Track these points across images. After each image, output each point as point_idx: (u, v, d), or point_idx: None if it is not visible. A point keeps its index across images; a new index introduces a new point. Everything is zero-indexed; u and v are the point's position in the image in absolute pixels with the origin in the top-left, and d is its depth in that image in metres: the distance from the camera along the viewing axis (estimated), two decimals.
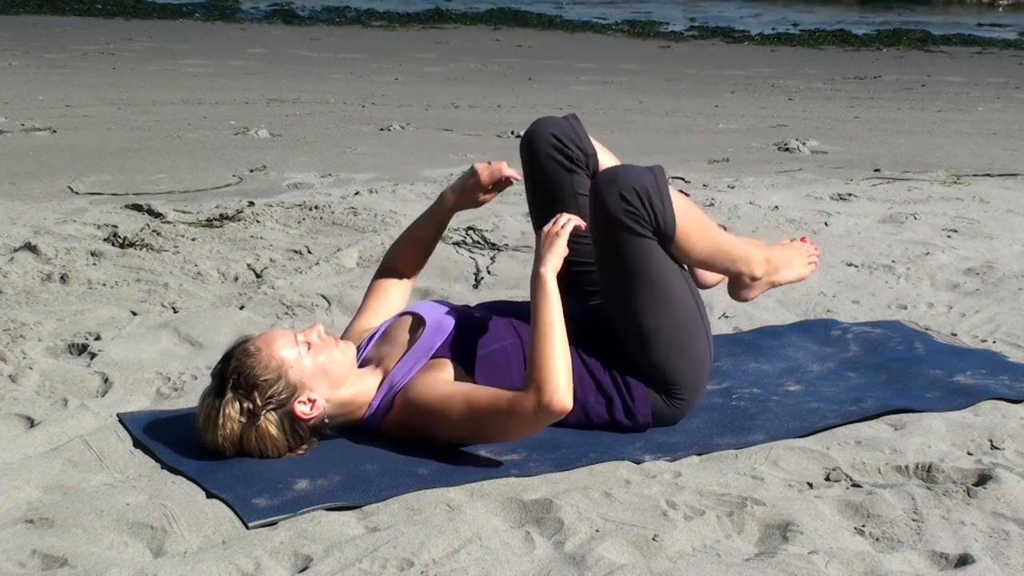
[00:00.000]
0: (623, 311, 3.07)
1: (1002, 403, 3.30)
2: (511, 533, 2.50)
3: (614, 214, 2.99)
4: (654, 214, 3.00)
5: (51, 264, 4.53)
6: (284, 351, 2.90)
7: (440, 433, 2.89)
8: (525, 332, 3.01)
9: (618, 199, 2.98)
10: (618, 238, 3.01)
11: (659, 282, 3.05)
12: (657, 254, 3.05)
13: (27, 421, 3.07)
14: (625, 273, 3.04)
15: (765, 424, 3.13)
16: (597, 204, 3.02)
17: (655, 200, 3.00)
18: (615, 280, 3.07)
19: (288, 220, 5.34)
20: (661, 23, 20.34)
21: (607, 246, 3.05)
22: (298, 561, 2.40)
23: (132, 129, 8.47)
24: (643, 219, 2.99)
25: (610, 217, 2.99)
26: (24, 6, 19.02)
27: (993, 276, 4.70)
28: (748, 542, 2.52)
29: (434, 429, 2.90)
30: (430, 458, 2.86)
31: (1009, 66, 15.93)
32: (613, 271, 3.07)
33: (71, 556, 2.37)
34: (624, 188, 2.98)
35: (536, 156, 3.30)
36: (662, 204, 3.01)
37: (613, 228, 3.00)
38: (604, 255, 3.08)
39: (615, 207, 2.98)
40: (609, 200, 2.99)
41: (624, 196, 2.98)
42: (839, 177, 7.00)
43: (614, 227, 3.00)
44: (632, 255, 3.03)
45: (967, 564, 2.41)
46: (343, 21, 19.44)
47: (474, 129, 9.02)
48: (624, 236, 3.00)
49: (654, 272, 3.05)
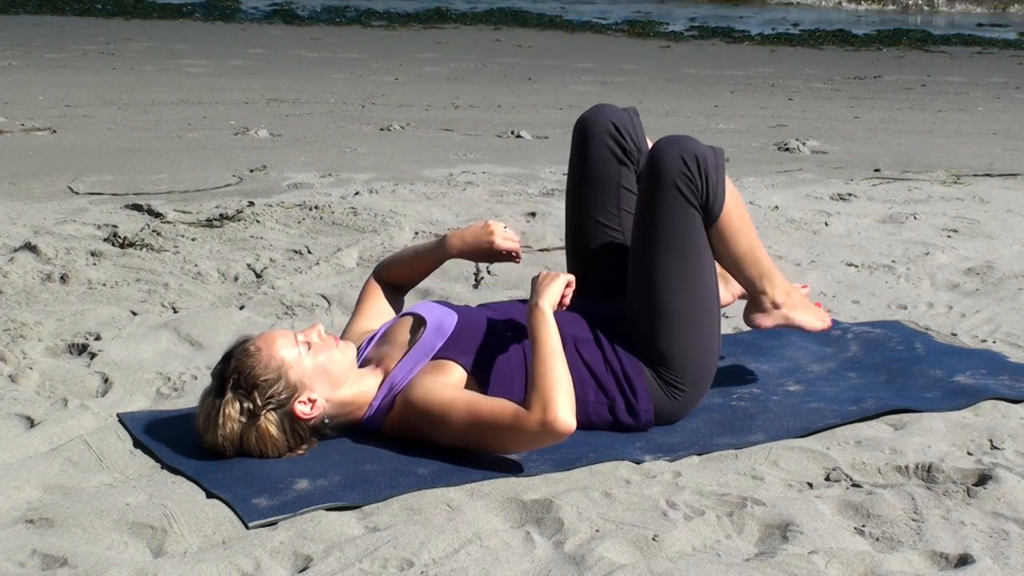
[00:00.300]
0: (647, 279, 3.07)
1: (1002, 403, 3.30)
2: (511, 533, 2.50)
3: (669, 175, 3.02)
4: (707, 187, 3.04)
5: (51, 264, 4.53)
6: (284, 351, 2.90)
7: (440, 437, 2.89)
8: (526, 333, 3.01)
9: (678, 160, 3.02)
10: (666, 200, 3.03)
11: (692, 257, 3.08)
12: (698, 230, 3.08)
13: (27, 421, 3.07)
14: (661, 239, 3.05)
15: (765, 424, 3.13)
16: (653, 163, 3.05)
17: (711, 174, 3.05)
18: (649, 244, 3.07)
19: (288, 220, 5.34)
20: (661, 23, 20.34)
21: (652, 207, 3.06)
22: (298, 561, 2.40)
23: (132, 129, 8.47)
24: (695, 188, 3.03)
25: (664, 177, 3.03)
26: (24, 6, 19.02)
27: (993, 276, 4.70)
28: (748, 542, 2.52)
29: (434, 433, 2.90)
30: (430, 458, 2.86)
31: (1009, 66, 15.94)
32: (649, 235, 3.07)
33: (71, 556, 2.37)
34: (685, 152, 3.03)
35: (590, 139, 3.29)
36: (716, 180, 3.05)
37: (664, 189, 3.03)
38: (645, 217, 3.08)
39: (673, 168, 3.02)
40: (668, 160, 3.02)
41: (684, 159, 3.02)
42: (839, 177, 7.00)
43: (665, 188, 3.03)
44: (674, 221, 3.05)
45: (967, 564, 2.40)
46: (343, 21, 19.44)
47: (474, 129, 9.02)
48: (673, 200, 3.03)
49: (690, 245, 3.07)
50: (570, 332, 3.08)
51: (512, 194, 6.15)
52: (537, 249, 5.05)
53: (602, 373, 3.07)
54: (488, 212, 5.63)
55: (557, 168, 7.19)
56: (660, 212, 3.05)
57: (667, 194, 3.03)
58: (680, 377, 3.09)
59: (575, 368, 3.05)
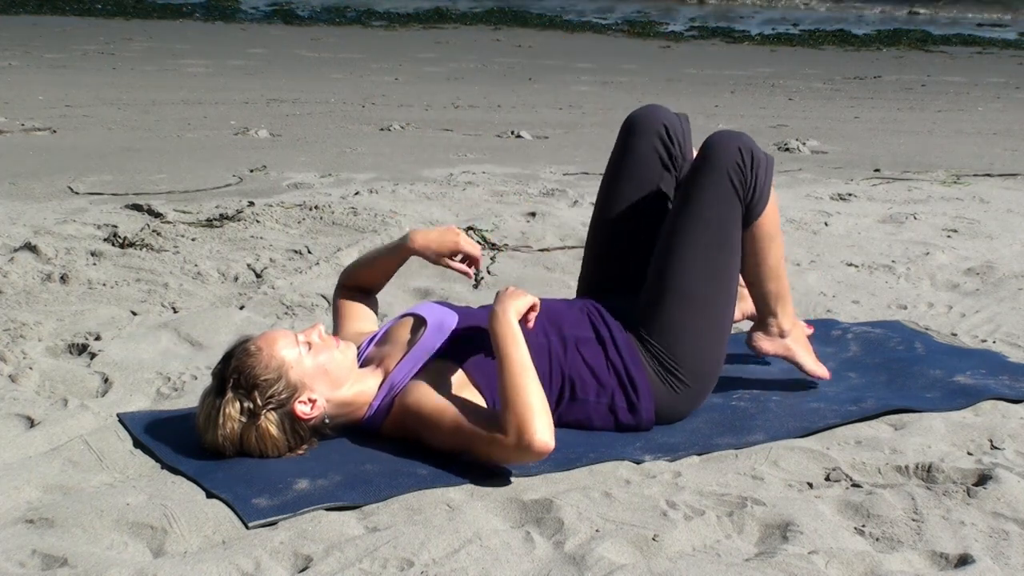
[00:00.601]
0: (674, 258, 3.08)
1: (1002, 403, 3.30)
2: (511, 533, 2.50)
3: (723, 162, 3.07)
4: (755, 185, 3.09)
5: (51, 264, 4.53)
6: (285, 351, 2.90)
7: (432, 442, 2.88)
8: (527, 334, 3.00)
9: (735, 151, 3.08)
10: (716, 185, 3.07)
11: (725, 247, 3.11)
12: (736, 223, 3.12)
13: (27, 421, 3.07)
14: (701, 221, 3.08)
15: (765, 424, 3.13)
16: (709, 149, 3.10)
17: (761, 174, 3.10)
18: (686, 224, 3.09)
19: (288, 220, 5.34)
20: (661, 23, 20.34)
21: (699, 189, 3.09)
22: (298, 561, 2.40)
23: (132, 129, 8.47)
24: (745, 181, 3.08)
25: (719, 163, 3.07)
26: (24, 6, 19.03)
27: (993, 276, 4.70)
28: (748, 542, 2.52)
29: (427, 438, 2.89)
30: (430, 458, 2.86)
31: (1009, 66, 15.95)
32: (689, 214, 3.10)
33: (71, 556, 2.37)
34: (743, 145, 3.10)
35: (639, 136, 3.29)
36: (765, 181, 3.12)
37: (716, 174, 3.07)
38: (690, 198, 3.11)
39: (728, 156, 3.07)
40: (726, 148, 3.08)
41: (741, 151, 3.08)
42: (839, 177, 7.00)
43: (718, 173, 3.07)
44: (718, 206, 3.08)
45: (967, 564, 2.40)
46: (343, 21, 19.45)
47: (474, 129, 9.03)
48: (723, 186, 3.07)
49: (726, 234, 3.11)
50: (571, 333, 3.08)
51: (512, 194, 6.15)
52: (537, 249, 5.05)
53: (603, 372, 3.07)
54: (488, 212, 5.63)
55: (557, 168, 7.19)
56: (706, 195, 3.09)
57: (718, 179, 3.08)
58: (682, 366, 3.08)
59: (577, 371, 3.05)
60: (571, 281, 4.52)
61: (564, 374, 3.05)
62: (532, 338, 3.02)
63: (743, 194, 3.10)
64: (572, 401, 3.07)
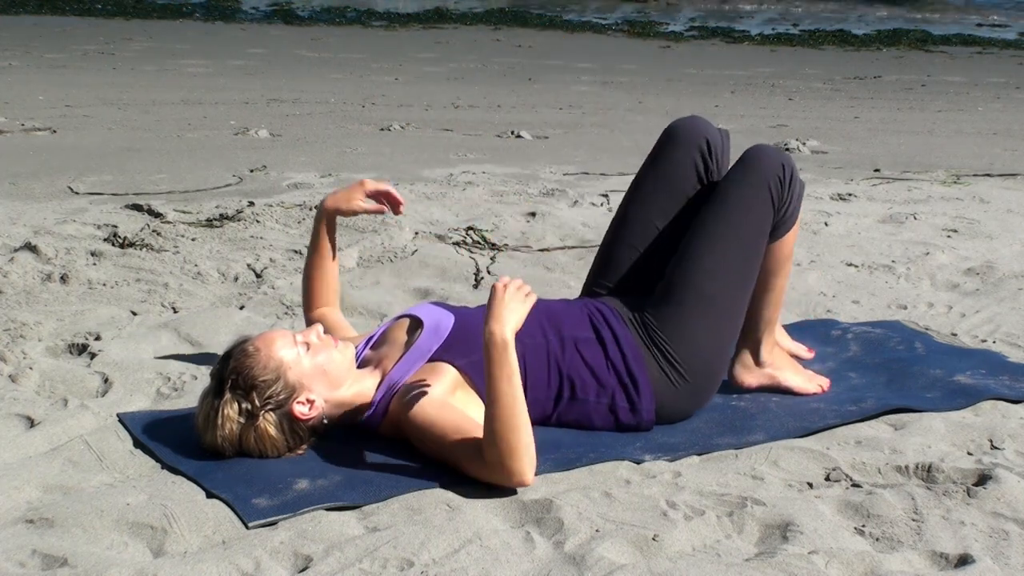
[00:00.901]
0: (697, 257, 3.10)
1: (1002, 403, 3.30)
2: (511, 533, 2.50)
3: (764, 172, 3.13)
4: (790, 201, 3.16)
5: (51, 264, 4.53)
6: (283, 351, 2.89)
7: (425, 450, 2.87)
8: (524, 334, 3.00)
9: (778, 165, 3.14)
10: (755, 191, 3.12)
11: (750, 253, 3.15)
12: (764, 234, 3.17)
13: (27, 421, 3.07)
14: (734, 220, 3.13)
15: (765, 424, 3.13)
16: (753, 159, 3.15)
17: (796, 193, 3.18)
18: (717, 221, 3.13)
19: (288, 220, 5.34)
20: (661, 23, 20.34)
21: (738, 192, 3.14)
22: (298, 561, 2.40)
23: (132, 129, 8.47)
24: (781, 196, 3.15)
25: (761, 171, 3.14)
26: (24, 6, 19.02)
27: (993, 276, 4.70)
28: (748, 542, 2.52)
29: (416, 444, 2.88)
30: (430, 458, 2.85)
31: (1009, 66, 15.95)
32: (720, 217, 3.13)
33: (71, 556, 2.37)
34: (786, 162, 3.18)
35: (679, 146, 3.30)
36: (798, 201, 3.20)
37: (756, 181, 3.12)
38: (724, 200, 3.14)
39: (770, 168, 3.13)
40: (769, 160, 3.15)
41: (784, 166, 3.16)
42: (839, 177, 7.00)
43: (758, 181, 3.12)
44: (753, 211, 3.13)
45: (967, 564, 2.40)
46: (343, 21, 19.44)
47: (474, 129, 9.03)
48: (761, 194, 3.12)
49: (754, 240, 3.15)
50: (570, 334, 3.08)
51: (512, 194, 6.15)
52: (537, 249, 5.05)
53: (603, 372, 3.06)
54: (488, 212, 5.62)
55: (557, 168, 7.19)
56: (745, 199, 3.13)
57: (759, 186, 3.13)
58: (685, 361, 3.08)
59: (576, 370, 3.05)
60: (571, 281, 4.52)
61: (563, 374, 3.05)
62: (530, 338, 3.02)
63: (777, 207, 3.15)
64: (572, 401, 3.07)
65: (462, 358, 2.97)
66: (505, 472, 2.68)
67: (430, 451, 2.84)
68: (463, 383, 2.95)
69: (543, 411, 3.05)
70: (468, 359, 2.97)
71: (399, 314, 3.20)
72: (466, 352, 2.98)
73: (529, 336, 3.00)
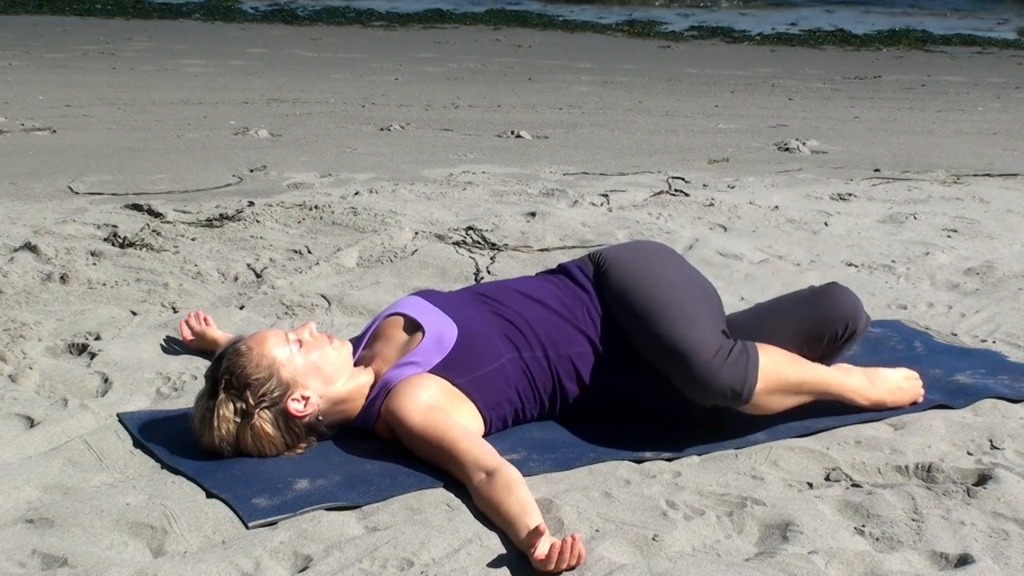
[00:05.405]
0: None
1: (1002, 403, 3.30)
2: None
3: (840, 312, 3.18)
4: (834, 347, 3.20)
5: (51, 264, 4.53)
6: (275, 350, 2.89)
7: (416, 453, 2.86)
8: (523, 345, 3.00)
9: (857, 316, 3.19)
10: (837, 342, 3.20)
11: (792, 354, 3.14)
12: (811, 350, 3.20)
13: (27, 421, 3.07)
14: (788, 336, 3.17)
15: (765, 424, 3.13)
16: (839, 295, 3.21)
17: (847, 347, 3.23)
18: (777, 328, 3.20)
19: (288, 220, 5.34)
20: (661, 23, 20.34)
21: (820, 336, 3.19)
22: (298, 561, 2.40)
23: (132, 129, 8.47)
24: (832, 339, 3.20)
25: (836, 308, 3.19)
26: (24, 6, 19.03)
27: (993, 276, 4.70)
28: (748, 542, 2.52)
29: (409, 448, 2.88)
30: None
31: (1009, 66, 15.95)
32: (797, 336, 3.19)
33: (71, 556, 2.37)
34: (861, 327, 3.22)
35: (832, 309, 3.23)
36: (842, 349, 3.23)
37: (850, 334, 3.21)
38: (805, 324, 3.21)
39: (846, 311, 3.18)
40: (854, 306, 3.20)
41: (849, 323, 3.17)
42: (839, 177, 7.00)
43: (850, 335, 3.21)
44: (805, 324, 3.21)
45: (967, 564, 2.40)
46: (343, 21, 19.45)
47: (474, 129, 9.03)
48: (838, 346, 3.22)
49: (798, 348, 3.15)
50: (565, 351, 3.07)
51: (512, 194, 6.15)
52: (537, 249, 5.05)
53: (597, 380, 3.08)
54: (488, 212, 5.62)
55: (557, 168, 7.19)
56: (827, 345, 3.19)
57: (846, 341, 3.19)
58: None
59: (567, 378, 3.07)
60: None
61: (555, 384, 3.05)
62: (520, 352, 3.02)
63: (822, 341, 3.16)
64: (568, 406, 3.08)
65: (461, 377, 2.95)
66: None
67: (418, 455, 2.84)
68: (461, 396, 2.93)
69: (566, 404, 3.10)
70: (467, 377, 2.95)
71: (390, 310, 3.15)
72: (467, 370, 2.95)
73: (519, 351, 3.01)
